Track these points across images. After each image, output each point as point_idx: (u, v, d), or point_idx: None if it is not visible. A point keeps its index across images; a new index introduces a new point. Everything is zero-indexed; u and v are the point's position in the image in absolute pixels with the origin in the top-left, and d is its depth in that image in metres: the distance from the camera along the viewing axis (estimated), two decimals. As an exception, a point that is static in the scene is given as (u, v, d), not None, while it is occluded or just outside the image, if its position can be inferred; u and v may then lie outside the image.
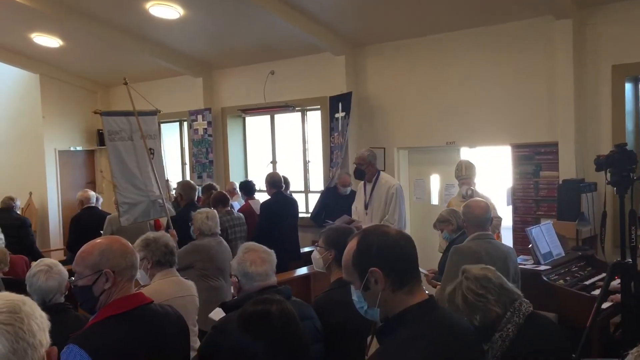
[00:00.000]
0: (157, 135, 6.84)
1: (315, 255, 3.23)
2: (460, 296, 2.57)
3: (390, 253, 1.76)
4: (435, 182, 7.71)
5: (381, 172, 5.86)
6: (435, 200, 7.66)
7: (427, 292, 1.89)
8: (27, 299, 1.27)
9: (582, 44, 6.16)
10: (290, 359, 2.08)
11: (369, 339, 2.97)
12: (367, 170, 5.71)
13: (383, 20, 7.18)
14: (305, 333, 2.18)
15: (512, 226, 6.73)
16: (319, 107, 8.51)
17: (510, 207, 6.77)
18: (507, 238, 6.54)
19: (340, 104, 7.78)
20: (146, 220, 6.34)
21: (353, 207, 6.03)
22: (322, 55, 8.18)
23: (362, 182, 5.91)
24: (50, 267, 3.16)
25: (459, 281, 2.62)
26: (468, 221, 3.95)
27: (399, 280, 1.75)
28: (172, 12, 7.51)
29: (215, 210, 5.32)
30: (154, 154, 6.49)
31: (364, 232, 1.85)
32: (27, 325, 1.20)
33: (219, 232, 5.12)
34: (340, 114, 7.79)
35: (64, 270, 3.23)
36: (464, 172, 6.20)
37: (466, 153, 7.50)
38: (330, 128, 8.04)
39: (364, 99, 8.01)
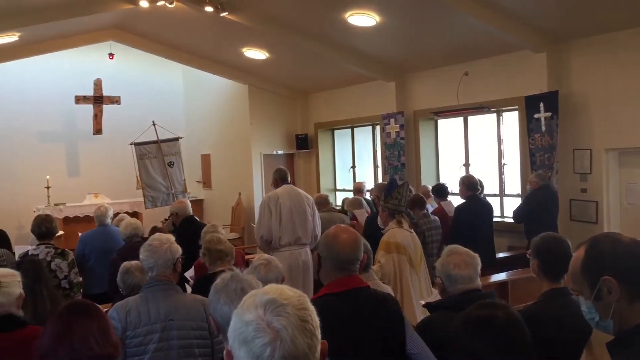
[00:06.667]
0: (178, 152, 10.83)
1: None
2: None
3: (625, 261, 1.66)
4: (652, 187, 6.95)
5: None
6: (652, 206, 6.91)
7: None
8: (301, 293, 1.34)
9: None
10: None
11: (584, 352, 2.79)
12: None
13: (589, 11, 6.64)
14: (531, 340, 2.12)
15: None
16: (516, 107, 8.16)
17: None
18: None
19: (542, 104, 7.37)
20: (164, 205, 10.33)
21: None
22: (519, 53, 7.83)
23: None
24: (269, 262, 3.47)
25: None
26: None
27: (637, 290, 1.64)
28: (369, 20, 7.78)
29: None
30: (173, 164, 10.68)
31: (594, 240, 1.77)
32: (314, 322, 1.28)
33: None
34: (543, 114, 7.37)
35: (280, 265, 3.54)
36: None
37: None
38: (528, 129, 7.65)
39: (566, 97, 7.48)
